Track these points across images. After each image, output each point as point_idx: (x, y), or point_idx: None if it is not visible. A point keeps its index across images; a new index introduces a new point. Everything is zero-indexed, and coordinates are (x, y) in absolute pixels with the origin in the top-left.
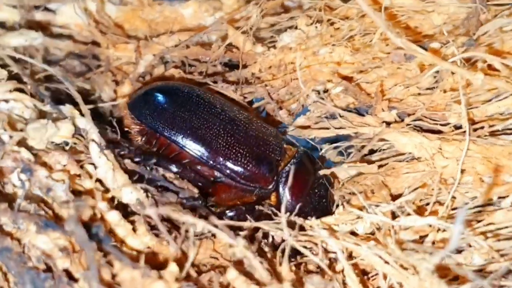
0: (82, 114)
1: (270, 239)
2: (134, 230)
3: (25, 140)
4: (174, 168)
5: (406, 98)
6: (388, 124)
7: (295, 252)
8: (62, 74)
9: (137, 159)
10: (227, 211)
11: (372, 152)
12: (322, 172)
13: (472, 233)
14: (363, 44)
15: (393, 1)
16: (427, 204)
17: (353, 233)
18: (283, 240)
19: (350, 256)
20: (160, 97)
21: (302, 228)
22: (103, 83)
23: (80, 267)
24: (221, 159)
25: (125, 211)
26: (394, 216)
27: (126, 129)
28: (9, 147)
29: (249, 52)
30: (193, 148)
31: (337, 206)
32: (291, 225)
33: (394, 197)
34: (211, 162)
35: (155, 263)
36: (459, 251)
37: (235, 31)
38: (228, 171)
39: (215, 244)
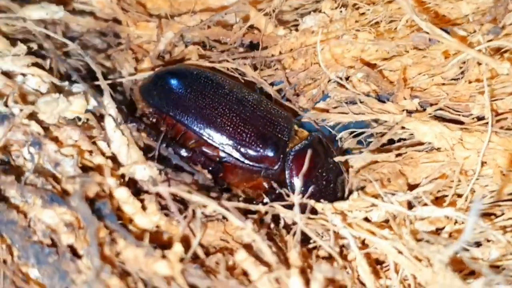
0: (100, 90)
1: (282, 222)
2: (143, 208)
3: (36, 114)
4: (184, 153)
5: (430, 87)
6: (409, 112)
7: (307, 236)
8: (82, 50)
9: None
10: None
11: (392, 142)
12: (336, 159)
13: (490, 226)
14: (388, 31)
15: None
16: (445, 196)
17: (367, 220)
18: (294, 223)
19: (362, 244)
20: (168, 79)
21: (313, 211)
22: (123, 61)
23: (84, 243)
24: (226, 138)
25: (136, 189)
26: (410, 206)
27: (139, 112)
28: (19, 120)
29: (270, 34)
30: (198, 127)
31: (351, 192)
32: (302, 207)
33: (412, 187)
34: (216, 141)
35: (163, 242)
36: (477, 245)
37: (257, 12)
38: (232, 151)
39: (226, 226)
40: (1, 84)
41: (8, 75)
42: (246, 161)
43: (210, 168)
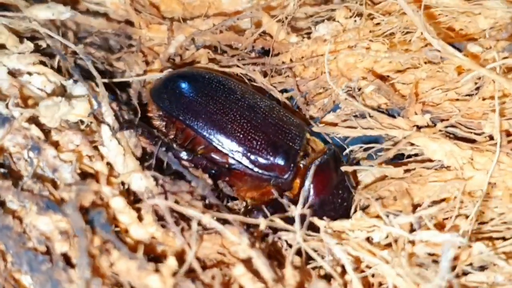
0: (111, 91)
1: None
2: (140, 218)
3: (37, 117)
4: (184, 156)
5: (443, 103)
6: (419, 128)
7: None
8: (84, 52)
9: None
10: (254, 211)
11: (402, 157)
12: (344, 168)
13: (492, 253)
14: (402, 42)
15: (438, 0)
16: (456, 216)
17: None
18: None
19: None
20: (179, 82)
21: (317, 229)
22: (133, 63)
23: (78, 253)
24: (235, 145)
25: (135, 197)
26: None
27: (149, 114)
28: (17, 124)
29: (282, 41)
30: (207, 133)
31: (355, 211)
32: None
33: (418, 206)
34: (225, 148)
35: (159, 254)
36: (482, 269)
37: (270, 19)
38: (241, 158)
39: (223, 240)
40: (7, 84)
41: (14, 75)
42: (256, 169)
43: (212, 172)
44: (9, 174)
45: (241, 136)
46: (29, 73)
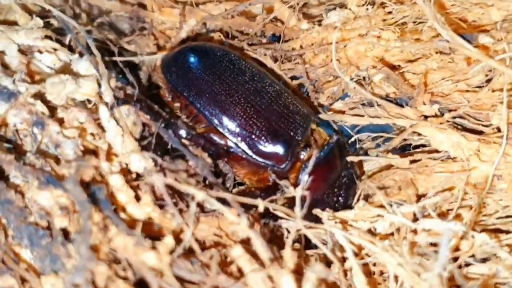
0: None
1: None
2: (137, 198)
3: (44, 93)
4: (184, 133)
5: (452, 93)
6: (427, 118)
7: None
8: (85, 30)
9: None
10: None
11: (409, 147)
12: (349, 158)
13: (496, 244)
14: (413, 32)
15: None
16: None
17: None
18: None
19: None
20: (189, 57)
21: (318, 219)
22: (144, 46)
23: (78, 228)
24: (236, 128)
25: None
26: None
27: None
28: (23, 99)
29: (293, 27)
30: (209, 112)
31: (358, 200)
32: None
33: (422, 197)
34: (225, 130)
35: (158, 234)
36: (483, 261)
37: (281, 4)
38: (240, 143)
39: (220, 222)
40: (16, 61)
41: (25, 53)
42: (253, 155)
43: (211, 152)
44: (15, 150)
45: (243, 120)
46: (40, 51)
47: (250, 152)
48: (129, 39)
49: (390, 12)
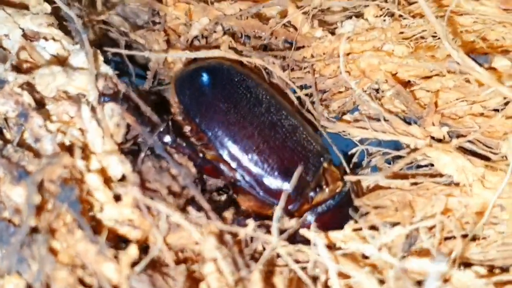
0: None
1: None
2: (117, 199)
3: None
4: (168, 140)
5: (464, 116)
6: (433, 139)
7: None
8: (81, 23)
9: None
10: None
11: (417, 167)
12: (346, 178)
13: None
14: (430, 48)
15: (475, 7)
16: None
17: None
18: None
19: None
20: (204, 79)
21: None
22: (153, 41)
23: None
24: (246, 163)
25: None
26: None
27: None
28: (9, 88)
29: (306, 34)
30: (220, 144)
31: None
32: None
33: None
34: (235, 163)
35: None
36: None
37: (296, 9)
38: (249, 178)
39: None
40: (17, 46)
41: (30, 38)
42: (261, 193)
43: (197, 163)
44: (2, 139)
45: (254, 155)
46: (45, 38)
47: (258, 189)
48: (140, 33)
49: (406, 26)
